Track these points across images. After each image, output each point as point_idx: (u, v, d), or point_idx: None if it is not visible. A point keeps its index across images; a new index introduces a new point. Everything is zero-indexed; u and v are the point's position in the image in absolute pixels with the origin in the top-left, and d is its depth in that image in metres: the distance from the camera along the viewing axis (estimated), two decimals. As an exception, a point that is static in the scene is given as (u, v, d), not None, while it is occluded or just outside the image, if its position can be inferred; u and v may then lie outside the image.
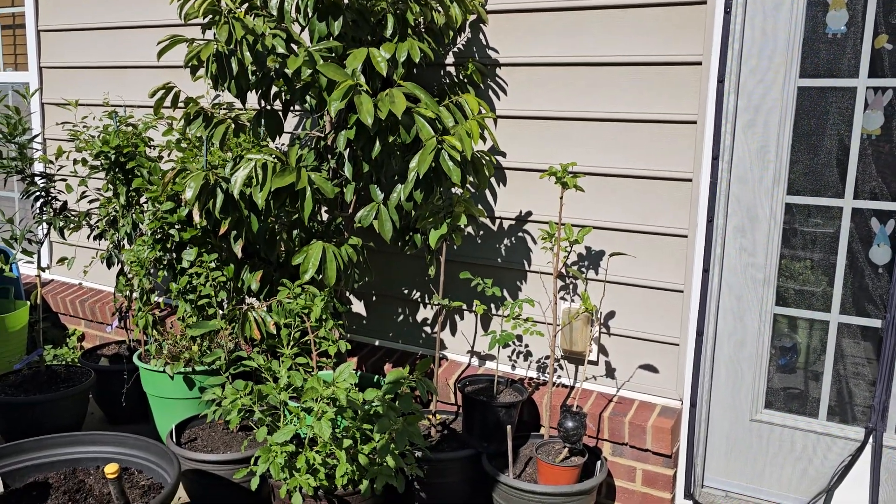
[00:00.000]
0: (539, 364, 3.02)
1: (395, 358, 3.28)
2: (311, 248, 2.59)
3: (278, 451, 2.38)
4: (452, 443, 2.83)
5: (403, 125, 2.52)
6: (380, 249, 3.32)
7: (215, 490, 2.67)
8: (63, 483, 2.40)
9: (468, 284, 3.13)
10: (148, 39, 3.91)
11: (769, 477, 2.68)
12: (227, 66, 2.57)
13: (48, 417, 3.15)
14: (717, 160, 2.58)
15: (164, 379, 3.08)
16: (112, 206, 3.35)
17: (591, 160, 2.81)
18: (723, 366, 2.71)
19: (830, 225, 2.51)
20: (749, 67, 2.54)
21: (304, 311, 2.64)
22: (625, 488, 2.77)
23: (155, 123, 3.38)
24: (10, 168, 3.26)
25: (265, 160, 2.52)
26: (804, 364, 2.61)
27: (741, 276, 2.65)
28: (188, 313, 3.03)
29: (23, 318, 3.90)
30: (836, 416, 2.57)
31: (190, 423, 2.96)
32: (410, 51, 2.61)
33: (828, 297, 2.54)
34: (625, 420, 2.70)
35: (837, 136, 2.46)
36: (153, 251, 3.03)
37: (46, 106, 4.43)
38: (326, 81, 2.53)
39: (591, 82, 2.77)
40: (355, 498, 2.39)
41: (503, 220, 3.03)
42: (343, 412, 2.37)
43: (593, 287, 2.87)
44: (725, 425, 2.73)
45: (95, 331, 4.23)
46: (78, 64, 4.21)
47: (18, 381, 3.31)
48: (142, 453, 2.48)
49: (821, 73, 2.46)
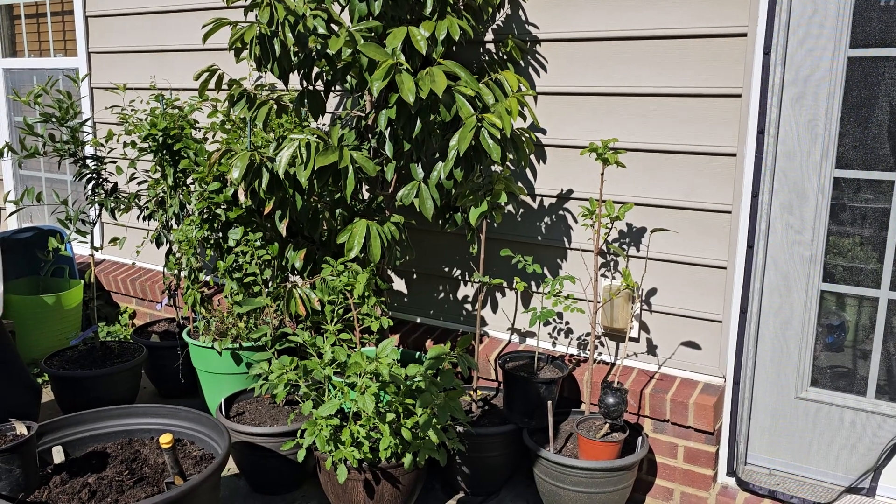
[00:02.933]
0: (580, 341, 3.02)
1: (436, 335, 3.31)
2: (355, 226, 2.63)
3: (323, 425, 2.44)
4: (493, 418, 2.86)
5: (444, 103, 2.53)
6: (420, 227, 3.34)
7: (263, 461, 2.76)
8: (120, 452, 2.50)
9: (508, 262, 3.14)
10: (190, 23, 3.98)
11: (815, 455, 2.65)
12: (270, 47, 2.61)
13: (103, 391, 3.28)
14: (763, 134, 2.53)
15: (213, 354, 3.17)
16: (160, 187, 3.44)
17: (632, 136, 2.78)
18: (767, 343, 2.68)
19: (881, 199, 2.45)
20: (797, 38, 2.48)
21: (348, 289, 2.69)
22: (666, 465, 2.77)
23: (200, 106, 3.45)
24: (64, 151, 3.37)
25: (308, 140, 2.56)
26: (852, 342, 2.56)
27: (787, 253, 2.60)
28: (234, 291, 3.10)
29: (77, 296, 4.05)
30: (885, 394, 2.52)
31: (238, 397, 3.05)
32: (450, 29, 2.61)
33: (878, 273, 2.48)
34: (666, 397, 2.70)
35: (889, 108, 2.39)
36: (201, 231, 3.11)
37: (95, 90, 4.54)
38: (367, 61, 2.55)
39: (632, 56, 2.74)
40: (398, 470, 2.44)
41: (543, 197, 3.03)
42: (386, 387, 2.42)
43: (634, 264, 2.86)
44: (769, 403, 2.70)
45: (146, 308, 4.37)
46: (124, 49, 4.31)
47: (75, 356, 3.44)
48: (193, 425, 2.56)
49: (872, 42, 2.38)
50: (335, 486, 2.49)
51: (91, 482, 2.32)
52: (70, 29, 4.76)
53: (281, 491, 2.83)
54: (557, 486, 2.56)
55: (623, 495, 2.58)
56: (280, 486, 2.82)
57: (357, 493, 2.45)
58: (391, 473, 2.44)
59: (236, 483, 2.93)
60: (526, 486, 2.90)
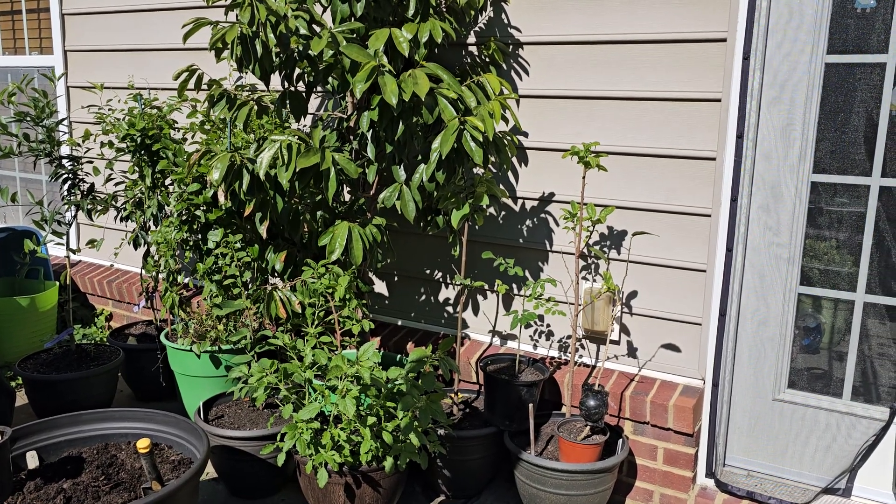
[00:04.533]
0: (561, 343, 3.03)
1: (418, 337, 3.31)
2: (336, 228, 2.62)
3: (304, 428, 2.42)
4: (475, 421, 2.86)
5: (426, 106, 2.52)
6: (402, 230, 3.34)
7: (242, 465, 2.73)
8: (96, 457, 2.46)
9: (490, 264, 3.15)
10: (170, 21, 3.94)
11: (791, 456, 2.68)
12: (251, 48, 2.59)
13: (79, 395, 3.23)
14: (742, 138, 2.56)
15: (191, 357, 3.14)
16: (138, 188, 3.40)
17: (613, 140, 2.80)
18: (745, 345, 2.71)
19: (857, 203, 2.48)
20: (775, 43, 2.51)
21: (329, 291, 2.67)
22: (646, 466, 2.79)
23: (179, 106, 3.42)
24: (39, 151, 3.32)
25: (290, 141, 2.54)
26: (828, 344, 2.60)
27: (765, 256, 2.63)
28: (214, 293, 3.07)
29: (52, 298, 3.99)
30: (860, 396, 2.56)
31: (216, 401, 3.02)
32: (432, 31, 2.61)
33: (853, 276, 2.52)
34: (646, 399, 2.71)
35: (865, 113, 2.43)
36: (180, 232, 3.08)
37: (72, 89, 4.48)
38: (350, 63, 2.54)
39: (614, 60, 2.76)
40: (379, 474, 2.43)
41: (525, 200, 3.03)
42: (367, 390, 2.40)
43: (615, 267, 2.87)
44: (748, 405, 2.73)
45: (123, 311, 4.31)
46: (102, 47, 4.25)
47: (50, 359, 3.39)
48: (171, 429, 2.53)
49: (849, 48, 2.42)
50: (315, 491, 2.47)
51: (66, 488, 2.28)
52: (46, 27, 4.69)
53: (260, 495, 2.81)
54: (538, 489, 2.56)
55: (603, 497, 2.59)
56: (259, 491, 2.79)
57: (338, 497, 2.43)
58: (372, 477, 2.43)
59: (215, 487, 2.89)
60: (507, 489, 2.91)
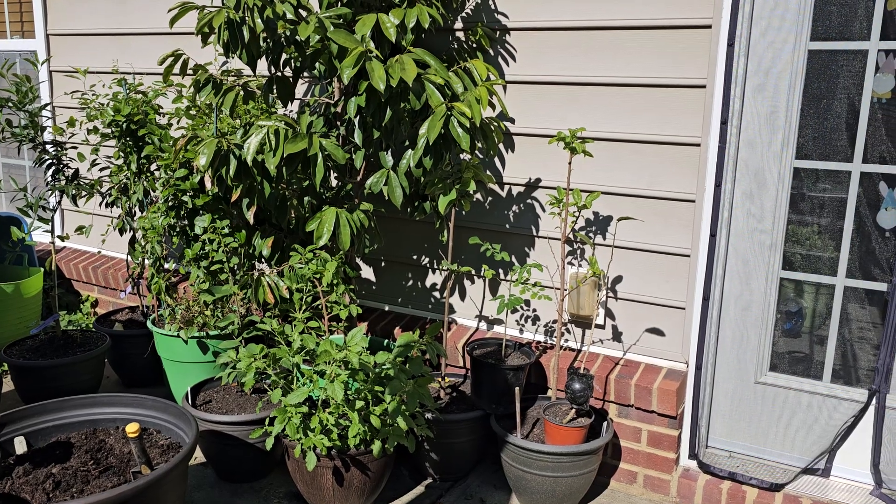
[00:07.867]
0: (547, 328, 3.06)
1: (405, 322, 3.33)
2: (324, 213, 2.62)
3: (293, 412, 2.44)
4: (461, 405, 2.89)
5: (413, 92, 2.53)
6: (389, 215, 3.34)
7: (231, 450, 2.74)
8: (85, 442, 2.47)
9: (477, 250, 3.17)
10: (155, 5, 3.90)
11: (773, 438, 2.73)
12: (238, 33, 2.57)
13: (66, 381, 3.22)
14: (726, 124, 2.58)
15: (179, 343, 3.14)
16: (123, 173, 3.38)
17: (600, 125, 2.82)
18: (728, 329, 2.75)
19: (838, 189, 2.52)
20: (759, 30, 2.53)
21: (316, 276, 2.68)
22: (630, 448, 2.83)
23: (164, 91, 3.40)
24: (22, 136, 3.29)
25: (277, 126, 2.54)
26: (809, 328, 2.64)
27: (748, 241, 2.67)
28: (201, 279, 3.07)
29: (37, 284, 3.97)
30: (840, 378, 2.61)
31: (204, 386, 3.02)
32: (419, 16, 2.61)
33: (834, 261, 2.56)
34: (631, 382, 2.75)
35: (847, 100, 2.46)
36: (167, 218, 3.07)
37: (55, 74, 4.43)
38: (337, 48, 2.53)
39: (600, 46, 2.77)
40: (367, 457, 2.45)
41: (512, 185, 3.05)
42: (355, 375, 2.42)
43: (601, 252, 2.90)
44: (730, 388, 2.78)
45: (109, 297, 4.30)
46: (85, 31, 4.20)
47: (35, 345, 3.38)
48: (160, 414, 2.54)
49: (832, 35, 2.45)
50: (304, 474, 2.49)
51: (55, 472, 2.28)
52: (28, 10, 4.63)
53: (249, 479, 2.83)
54: (524, 471, 2.60)
55: (588, 479, 2.63)
56: (248, 475, 2.81)
57: (326, 480, 2.45)
58: (360, 460, 2.45)
59: (203, 471, 2.91)
60: (493, 472, 2.94)
